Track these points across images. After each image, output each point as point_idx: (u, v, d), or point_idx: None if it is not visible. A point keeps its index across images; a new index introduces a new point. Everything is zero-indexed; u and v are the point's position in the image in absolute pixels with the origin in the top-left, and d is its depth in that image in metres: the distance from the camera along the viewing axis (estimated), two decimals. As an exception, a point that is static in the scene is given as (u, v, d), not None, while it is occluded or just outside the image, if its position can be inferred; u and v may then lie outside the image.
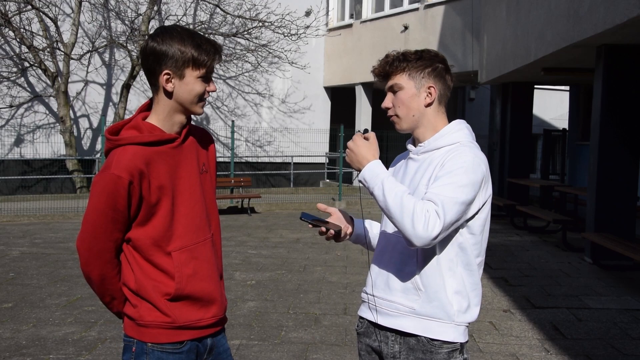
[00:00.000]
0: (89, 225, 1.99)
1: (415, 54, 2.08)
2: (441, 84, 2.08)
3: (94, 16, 16.53)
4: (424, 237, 1.86)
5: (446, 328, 2.00)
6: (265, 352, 4.66)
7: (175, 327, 2.03)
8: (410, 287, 2.02)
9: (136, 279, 2.02)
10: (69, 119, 15.35)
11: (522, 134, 13.08)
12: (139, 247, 2.01)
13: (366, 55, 17.77)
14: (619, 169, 8.07)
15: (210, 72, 2.03)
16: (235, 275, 7.25)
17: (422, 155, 2.10)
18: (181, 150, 2.07)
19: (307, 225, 2.16)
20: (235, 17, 17.06)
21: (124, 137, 2.00)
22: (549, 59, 9.45)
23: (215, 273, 2.14)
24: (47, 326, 5.20)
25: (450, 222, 1.90)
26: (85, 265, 2.03)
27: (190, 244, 2.06)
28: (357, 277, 7.18)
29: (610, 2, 6.66)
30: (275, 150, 18.97)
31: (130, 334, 2.07)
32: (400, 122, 2.11)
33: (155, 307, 2.02)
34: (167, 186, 2.02)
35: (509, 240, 9.79)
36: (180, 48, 1.96)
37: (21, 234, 10.08)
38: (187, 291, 2.03)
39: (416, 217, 1.85)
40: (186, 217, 2.06)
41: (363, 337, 2.19)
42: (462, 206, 1.92)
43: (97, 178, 1.97)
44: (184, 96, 2.01)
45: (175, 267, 2.02)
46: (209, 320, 2.10)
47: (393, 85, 2.09)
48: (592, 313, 5.84)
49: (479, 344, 4.94)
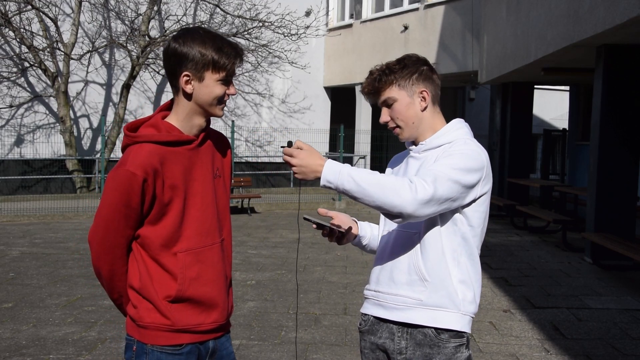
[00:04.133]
0: (101, 219, 1.99)
1: (399, 64, 2.09)
2: (431, 85, 2.11)
3: (94, 16, 16.53)
4: (413, 200, 1.84)
5: (453, 317, 2.02)
6: (265, 352, 4.66)
7: (174, 330, 2.03)
8: (416, 279, 2.04)
9: (141, 278, 2.03)
10: (69, 119, 15.35)
11: (522, 134, 13.08)
12: (148, 245, 2.02)
13: (366, 55, 17.77)
14: (619, 169, 8.07)
15: (230, 76, 2.01)
16: (235, 275, 7.25)
17: (423, 154, 2.13)
18: (197, 152, 2.07)
19: (311, 225, 2.15)
20: (235, 17, 17.07)
21: (142, 135, 2.00)
22: (549, 59, 9.45)
23: (221, 278, 2.12)
24: (47, 326, 5.20)
25: (441, 196, 1.89)
26: (97, 259, 2.03)
27: (197, 247, 2.05)
28: (357, 277, 7.18)
29: (610, 2, 6.66)
30: (275, 150, 18.97)
31: (131, 333, 2.08)
32: (402, 132, 2.13)
33: (155, 308, 2.02)
34: (180, 187, 2.02)
35: (509, 240, 9.79)
36: (200, 50, 1.95)
37: (21, 234, 10.08)
38: (188, 294, 2.03)
39: (399, 186, 1.85)
40: (196, 219, 2.06)
41: (367, 335, 2.18)
42: (456, 185, 1.92)
43: (112, 174, 1.98)
44: (204, 98, 2.00)
45: (179, 269, 2.02)
46: (210, 326, 2.09)
47: (386, 99, 2.10)
48: (592, 313, 5.84)
49: (479, 344, 4.94)
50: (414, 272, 2.04)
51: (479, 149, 2.03)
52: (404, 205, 1.84)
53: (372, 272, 2.20)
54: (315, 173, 1.92)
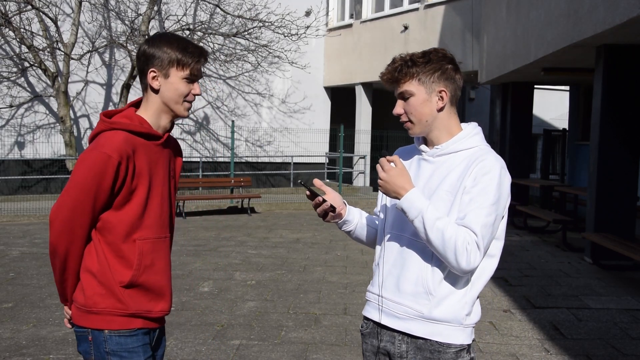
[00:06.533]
0: (69, 198, 2.03)
1: (424, 57, 2.02)
2: (452, 85, 2.04)
3: (94, 16, 16.53)
4: (467, 270, 1.93)
5: (455, 331, 2.00)
6: (265, 352, 4.66)
7: (128, 314, 2.10)
8: (422, 292, 2.01)
9: (99, 261, 2.09)
10: (69, 119, 15.34)
11: (522, 134, 13.08)
12: (109, 230, 2.08)
13: (366, 55, 17.78)
14: (619, 169, 8.07)
15: (194, 74, 2.14)
16: (235, 275, 7.25)
17: (437, 158, 2.07)
18: (161, 150, 2.20)
19: (305, 192, 2.18)
20: (235, 17, 17.05)
21: (117, 122, 2.11)
22: (549, 59, 9.45)
23: (169, 270, 2.24)
24: (47, 326, 5.20)
25: (487, 247, 1.97)
26: (57, 237, 2.06)
27: (154, 237, 2.16)
28: (357, 277, 7.18)
29: (610, 2, 6.66)
30: (275, 150, 18.97)
31: (82, 323, 2.12)
32: (413, 128, 2.08)
33: (110, 293, 2.08)
34: (145, 177, 2.12)
35: (509, 240, 9.79)
36: (166, 50, 2.11)
37: (21, 234, 10.08)
38: (141, 280, 2.11)
39: (459, 252, 1.89)
40: (155, 210, 2.16)
41: (369, 338, 2.17)
42: (496, 224, 1.98)
43: (86, 156, 2.05)
44: (169, 95, 2.13)
45: (136, 255, 2.10)
46: (157, 314, 2.18)
47: (403, 92, 2.04)
48: (592, 313, 5.84)
49: (479, 344, 4.94)
50: (420, 284, 2.01)
51: (504, 169, 2.00)
52: (458, 269, 1.93)
53: (377, 274, 2.15)
54: (395, 194, 1.98)
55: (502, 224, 2.04)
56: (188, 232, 10.44)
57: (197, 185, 15.34)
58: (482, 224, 1.92)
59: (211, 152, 18.33)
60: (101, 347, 2.08)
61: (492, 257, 2.06)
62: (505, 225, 2.07)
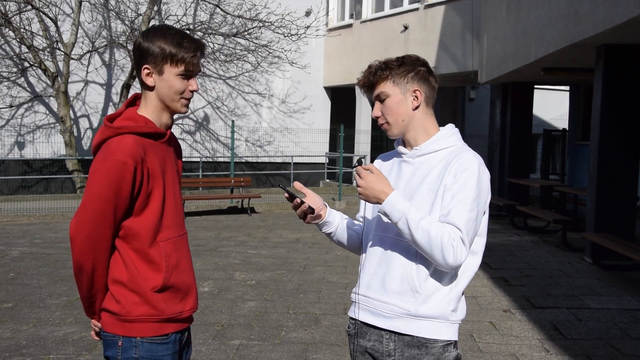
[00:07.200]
0: (89, 212, 1.96)
1: (397, 61, 2.10)
2: (426, 86, 2.10)
3: (94, 16, 16.53)
4: (454, 266, 1.96)
5: (441, 327, 2.04)
6: (265, 352, 4.66)
7: (162, 320, 2.06)
8: (407, 289, 2.04)
9: (128, 270, 2.03)
10: (69, 119, 15.35)
11: (522, 134, 13.08)
12: (133, 236, 2.02)
13: (366, 55, 17.76)
14: (619, 169, 8.07)
15: (190, 70, 2.05)
16: (235, 275, 7.25)
17: (417, 159, 2.12)
18: (167, 147, 2.15)
19: (284, 194, 2.20)
20: (235, 17, 17.06)
21: (123, 126, 2.03)
22: (549, 59, 9.45)
23: (192, 267, 2.21)
24: (47, 326, 5.20)
25: (472, 241, 2.00)
26: (81, 255, 2.00)
27: (174, 236, 2.12)
28: (357, 277, 7.17)
29: (610, 2, 6.66)
30: (275, 150, 18.97)
31: (115, 331, 2.06)
32: (391, 129, 2.14)
33: (143, 301, 2.03)
34: (159, 177, 2.07)
35: (509, 240, 9.79)
36: (160, 45, 2.01)
37: (21, 234, 10.08)
38: (171, 282, 2.07)
39: (445, 250, 1.92)
40: (171, 209, 2.12)
41: (355, 339, 2.19)
42: (478, 219, 2.01)
43: (99, 165, 1.97)
44: (164, 92, 2.06)
45: (162, 258, 2.05)
46: (188, 313, 2.15)
47: (379, 94, 2.11)
48: (592, 313, 5.84)
49: (479, 344, 4.94)
50: (406, 282, 2.04)
51: (482, 165, 2.04)
52: (445, 266, 1.96)
53: (363, 275, 2.19)
54: (377, 199, 2.00)
55: (483, 220, 2.07)
56: (188, 232, 10.42)
57: (197, 185, 15.34)
58: (465, 220, 1.95)
59: (211, 152, 18.34)
60: (131, 352, 2.04)
61: (475, 254, 2.08)
62: (487, 221, 2.10)
